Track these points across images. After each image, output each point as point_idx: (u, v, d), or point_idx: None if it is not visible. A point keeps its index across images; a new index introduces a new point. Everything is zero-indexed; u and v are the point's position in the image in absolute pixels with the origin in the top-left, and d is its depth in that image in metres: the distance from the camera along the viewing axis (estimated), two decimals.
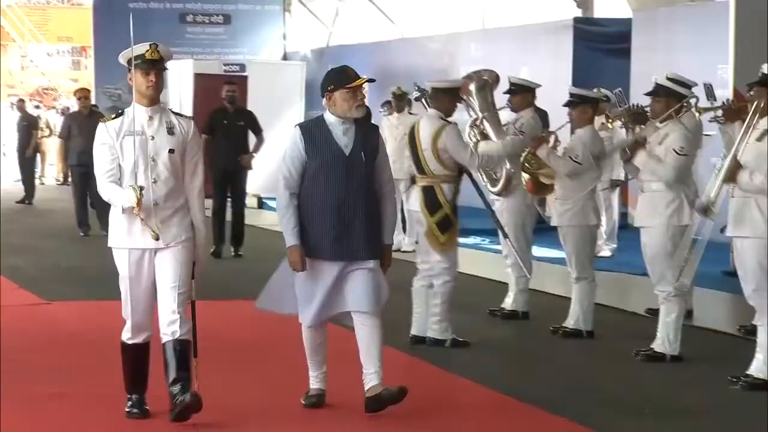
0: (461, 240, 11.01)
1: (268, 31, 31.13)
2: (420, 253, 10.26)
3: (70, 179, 19.72)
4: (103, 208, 18.69)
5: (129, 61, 7.14)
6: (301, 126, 7.78)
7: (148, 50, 7.09)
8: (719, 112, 10.49)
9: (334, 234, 7.52)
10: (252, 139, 16.14)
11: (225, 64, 25.82)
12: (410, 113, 15.94)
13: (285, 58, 30.78)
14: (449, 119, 10.06)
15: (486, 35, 23.59)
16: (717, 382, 8.83)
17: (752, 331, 8.93)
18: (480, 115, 10.90)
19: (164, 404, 7.30)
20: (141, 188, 6.89)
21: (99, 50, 30.45)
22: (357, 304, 7.58)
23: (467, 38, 23.85)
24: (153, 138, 7.09)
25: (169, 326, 7.13)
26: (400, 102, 16.27)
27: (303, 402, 7.80)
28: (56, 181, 28.31)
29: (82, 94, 19.92)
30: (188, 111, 23.78)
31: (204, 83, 23.82)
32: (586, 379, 9.17)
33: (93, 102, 21.54)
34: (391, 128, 16.00)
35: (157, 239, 7.01)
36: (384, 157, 7.77)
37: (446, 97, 10.18)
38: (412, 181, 10.22)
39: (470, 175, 10.29)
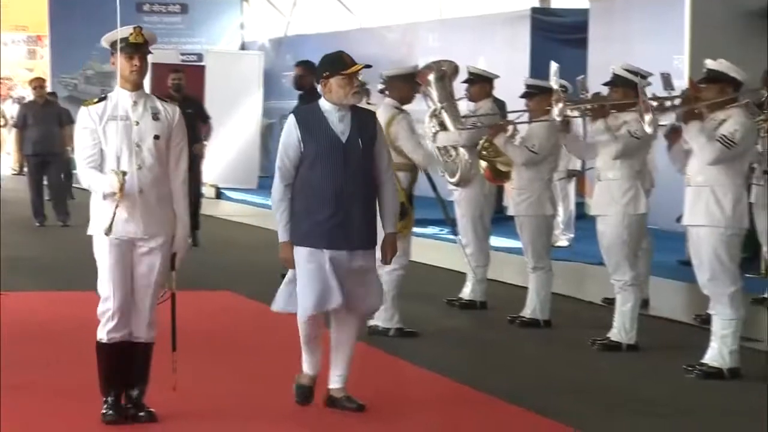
0: (420, 230, 11.03)
1: (225, 21, 31.12)
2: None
3: (26, 169, 19.58)
4: (60, 197, 18.84)
5: (113, 45, 6.84)
6: (296, 113, 7.56)
7: (132, 34, 6.79)
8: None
9: (331, 223, 7.25)
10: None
11: (182, 54, 25.80)
12: (368, 103, 15.91)
13: (243, 47, 30.74)
14: (405, 108, 10.11)
15: (444, 25, 23.61)
16: (672, 370, 8.86)
17: (707, 320, 8.97)
18: (439, 105, 10.89)
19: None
20: (124, 173, 6.61)
21: (55, 39, 30.53)
22: (350, 305, 7.32)
23: (425, 28, 23.89)
24: (138, 123, 6.79)
25: (141, 330, 6.94)
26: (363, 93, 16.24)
27: (296, 392, 7.54)
28: (12, 171, 28.10)
29: (38, 84, 19.87)
30: None
31: (161, 73, 23.59)
32: (544, 368, 9.19)
33: (49, 91, 21.41)
34: None
35: (108, 234, 6.75)
36: (382, 144, 7.54)
37: (403, 85, 10.26)
38: None
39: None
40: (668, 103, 9.30)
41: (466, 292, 11.36)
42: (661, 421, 7.72)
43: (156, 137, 6.79)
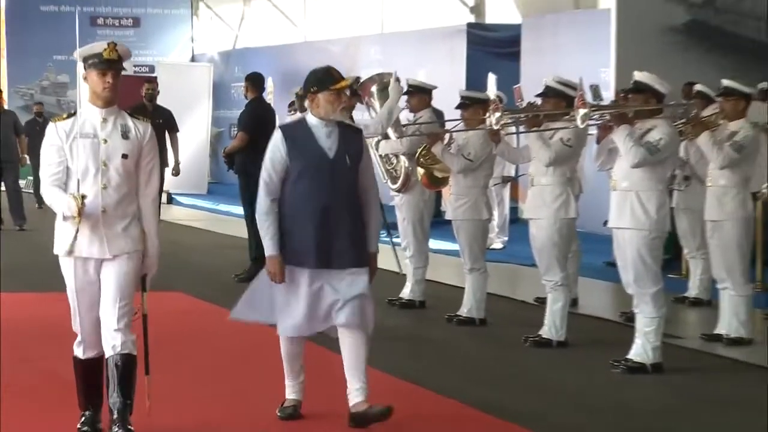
0: None
1: (176, 34, 30.95)
2: None
3: None
4: (17, 202, 18.73)
5: (85, 59, 6.30)
6: (283, 128, 7.11)
7: (106, 49, 6.21)
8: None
9: (317, 240, 6.78)
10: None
11: (135, 65, 25.60)
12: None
13: (193, 59, 30.58)
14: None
15: (385, 39, 23.62)
16: (600, 365, 8.92)
17: (632, 317, 9.04)
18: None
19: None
20: (83, 197, 6.10)
21: (11, 52, 30.21)
22: (342, 319, 6.85)
23: (367, 42, 23.87)
24: (106, 141, 6.22)
25: (110, 341, 6.30)
26: (302, 102, 16.20)
27: (279, 414, 7.14)
28: None
29: None
30: None
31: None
32: (479, 363, 9.26)
33: (5, 100, 21.29)
34: None
35: (70, 255, 6.31)
36: (368, 161, 7.10)
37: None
38: None
39: None
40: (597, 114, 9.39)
41: (406, 293, 11.42)
42: (588, 414, 7.77)
43: (124, 156, 6.26)
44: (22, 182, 20.01)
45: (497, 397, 7.84)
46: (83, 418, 6.57)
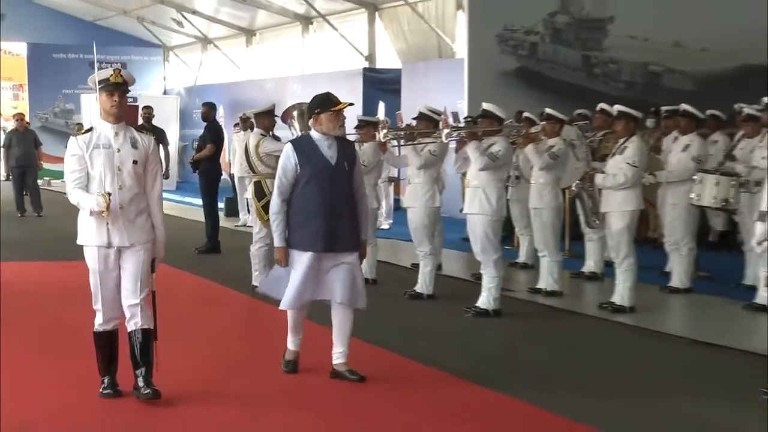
0: None
1: (153, 74, 30.78)
2: (254, 227, 10.19)
3: (10, 177, 19.42)
4: (36, 196, 18.49)
5: (97, 84, 5.85)
6: (293, 142, 6.49)
7: (112, 74, 5.77)
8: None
9: (323, 231, 6.24)
10: None
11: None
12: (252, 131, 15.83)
13: (165, 92, 30.37)
14: (268, 134, 10.10)
15: (304, 79, 23.49)
16: (457, 311, 8.94)
17: (480, 277, 9.08)
18: (300, 134, 10.80)
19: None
20: (109, 194, 5.60)
21: (32, 87, 30.05)
22: (338, 297, 6.37)
23: (291, 81, 23.75)
24: (119, 151, 5.75)
25: (132, 318, 5.80)
26: (245, 123, 16.11)
27: (283, 366, 6.56)
28: (1, 177, 27.32)
29: (19, 117, 19.83)
30: None
31: None
32: (372, 312, 9.17)
33: (28, 122, 21.15)
34: (239, 141, 15.81)
35: (109, 247, 5.72)
36: (359, 167, 6.56)
37: (265, 118, 10.21)
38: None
39: None
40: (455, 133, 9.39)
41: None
42: (448, 346, 7.76)
43: (134, 162, 5.79)
44: (39, 181, 19.82)
45: (383, 336, 7.78)
46: (104, 383, 5.96)
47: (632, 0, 16.02)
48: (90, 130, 5.85)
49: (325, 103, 6.34)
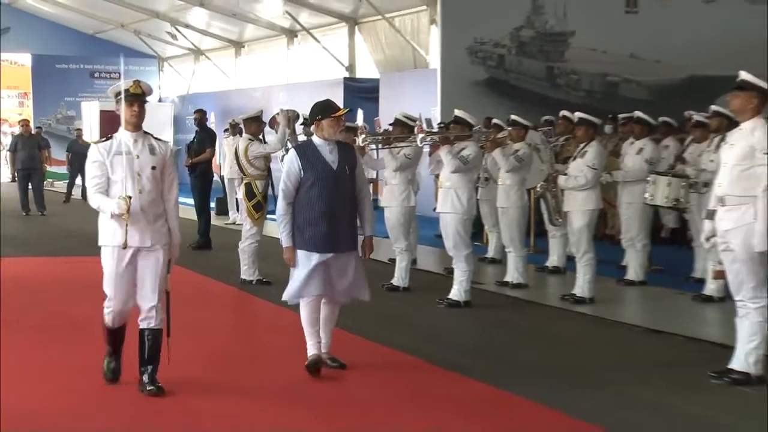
0: None
1: (148, 83, 30.49)
2: (243, 225, 10.15)
3: (16, 178, 19.35)
4: (40, 196, 18.39)
5: (116, 95, 5.64)
6: (296, 148, 6.31)
7: (132, 86, 5.60)
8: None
9: (325, 232, 6.02)
10: None
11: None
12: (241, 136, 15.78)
13: (160, 100, 30.19)
14: (255, 138, 10.08)
15: (289, 87, 23.43)
16: (430, 303, 8.93)
17: (452, 271, 9.08)
18: (286, 138, 10.78)
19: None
20: (129, 198, 5.40)
21: (36, 95, 29.95)
22: (342, 297, 6.25)
23: (277, 89, 23.67)
24: (138, 157, 5.54)
25: (147, 317, 5.60)
26: (234, 129, 16.07)
27: (307, 369, 6.14)
28: (7, 179, 27.15)
29: (24, 123, 19.92)
30: (96, 136, 23.20)
31: (106, 117, 23.64)
32: (352, 303, 9.18)
33: (32, 128, 21.11)
34: (229, 146, 15.78)
35: (125, 248, 5.49)
36: (360, 169, 6.31)
37: (252, 124, 10.16)
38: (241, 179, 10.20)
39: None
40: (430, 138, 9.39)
41: None
42: (422, 336, 7.76)
43: (153, 168, 5.58)
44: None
45: (363, 326, 7.74)
46: (108, 357, 5.79)
47: (592, 15, 16.14)
48: (110, 138, 5.65)
49: (326, 110, 6.15)
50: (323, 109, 6.14)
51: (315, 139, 6.18)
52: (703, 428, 5.22)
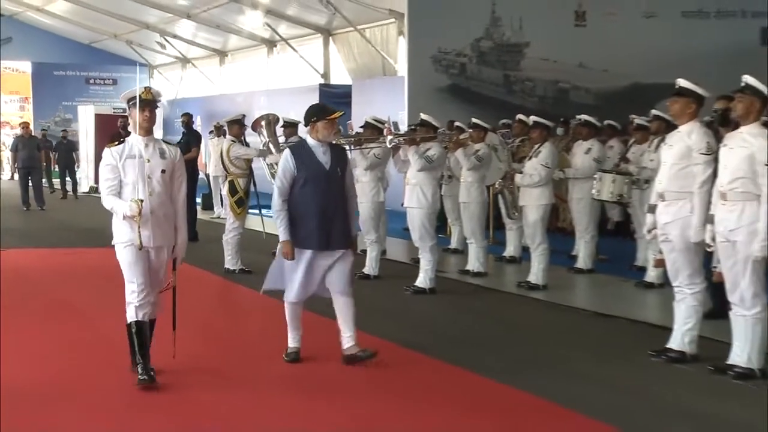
0: (265, 211, 10.78)
1: (158, 89, 30.66)
2: (227, 219, 10.09)
3: (17, 176, 19.20)
4: (39, 192, 18.23)
5: (129, 100, 5.44)
6: (291, 148, 6.02)
7: (143, 92, 5.39)
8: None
9: (318, 230, 5.82)
10: None
11: (114, 108, 24.77)
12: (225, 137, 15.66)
13: None
14: (237, 139, 10.04)
15: (269, 93, 23.31)
16: (399, 290, 8.93)
17: (418, 261, 9.09)
18: (267, 140, 10.75)
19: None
20: (141, 201, 5.25)
21: (35, 99, 29.63)
22: (338, 288, 5.97)
23: (259, 95, 23.53)
24: (149, 161, 5.36)
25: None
26: (219, 131, 15.96)
27: (285, 358, 6.00)
28: (8, 177, 26.93)
29: (25, 125, 19.83)
30: (91, 138, 23.05)
31: (100, 120, 23.39)
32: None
33: (32, 130, 20.99)
34: (214, 146, 15.67)
35: (141, 249, 5.32)
36: (350, 170, 6.11)
37: (235, 126, 10.16)
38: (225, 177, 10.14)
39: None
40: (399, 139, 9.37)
41: None
42: (391, 319, 7.76)
43: (163, 171, 5.41)
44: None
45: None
46: (140, 370, 5.37)
47: (545, 28, 16.25)
48: (122, 142, 5.44)
49: (322, 113, 5.91)
50: (318, 112, 5.93)
51: (309, 140, 5.95)
52: (643, 399, 5.27)
